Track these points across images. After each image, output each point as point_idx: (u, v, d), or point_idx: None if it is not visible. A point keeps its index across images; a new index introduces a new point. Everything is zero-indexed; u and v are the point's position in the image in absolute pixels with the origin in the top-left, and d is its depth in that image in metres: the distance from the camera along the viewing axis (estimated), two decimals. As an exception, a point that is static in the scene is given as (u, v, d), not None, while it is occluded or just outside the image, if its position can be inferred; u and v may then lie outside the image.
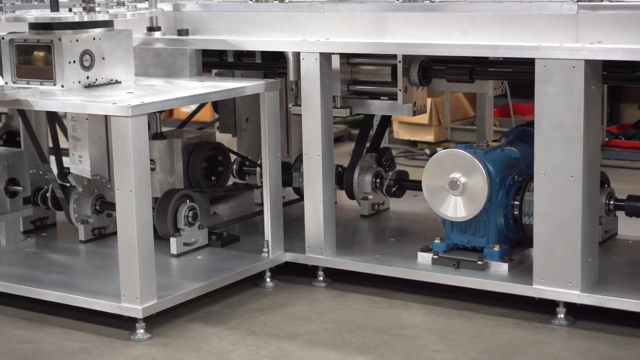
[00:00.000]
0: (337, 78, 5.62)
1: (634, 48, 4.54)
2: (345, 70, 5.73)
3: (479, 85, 6.00)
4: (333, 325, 4.98)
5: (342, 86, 5.71)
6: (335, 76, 5.57)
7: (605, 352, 4.56)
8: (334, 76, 5.56)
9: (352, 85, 5.78)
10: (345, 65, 5.72)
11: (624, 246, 5.62)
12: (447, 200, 5.20)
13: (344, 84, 5.74)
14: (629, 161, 9.02)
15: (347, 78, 5.75)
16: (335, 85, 5.61)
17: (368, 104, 5.78)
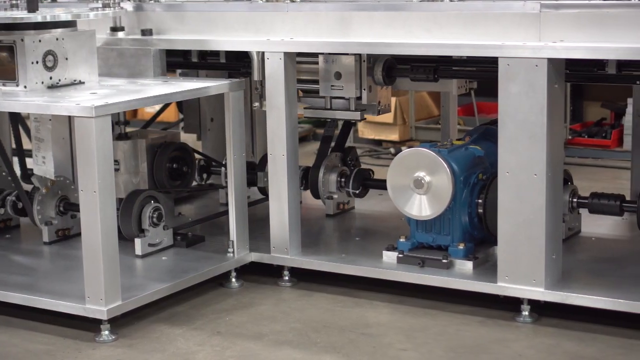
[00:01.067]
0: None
1: (596, 46, 4.57)
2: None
3: (443, 84, 6.02)
4: (299, 324, 4.98)
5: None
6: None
7: (569, 348, 4.59)
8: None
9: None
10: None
11: (587, 243, 5.66)
12: (411, 199, 5.22)
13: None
14: (592, 159, 9.09)
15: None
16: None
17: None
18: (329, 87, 5.57)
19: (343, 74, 5.52)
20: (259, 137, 6.95)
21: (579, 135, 9.52)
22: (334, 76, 5.54)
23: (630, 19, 4.54)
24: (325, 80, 5.57)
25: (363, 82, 5.55)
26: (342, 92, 5.55)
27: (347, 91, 5.53)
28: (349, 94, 5.54)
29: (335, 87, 5.56)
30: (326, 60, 5.54)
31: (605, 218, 5.84)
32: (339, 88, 5.56)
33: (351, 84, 5.51)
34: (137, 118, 10.72)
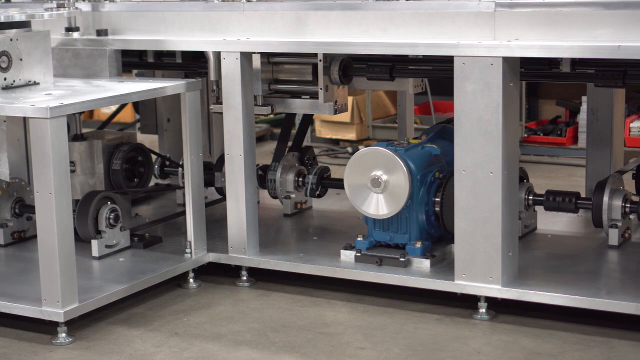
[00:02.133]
0: (258, 77, 5.60)
1: (550, 45, 4.61)
2: (267, 70, 5.72)
3: (400, 83, 6.04)
4: (257, 324, 4.98)
5: (264, 85, 5.70)
6: (256, 75, 5.56)
7: (526, 345, 4.63)
8: (255, 75, 5.55)
9: (273, 84, 5.78)
10: (266, 65, 5.71)
11: (543, 240, 5.70)
12: (369, 198, 5.23)
13: (265, 83, 5.73)
14: (547, 156, 9.16)
15: (268, 77, 5.74)
16: (257, 84, 5.60)
17: (289, 102, 5.78)
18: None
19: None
20: (216, 137, 6.93)
21: (535, 133, 9.59)
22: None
23: (584, 17, 4.58)
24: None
25: (320, 81, 5.56)
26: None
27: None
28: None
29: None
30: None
31: (561, 215, 5.90)
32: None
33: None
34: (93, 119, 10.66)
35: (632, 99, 8.82)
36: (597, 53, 4.54)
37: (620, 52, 4.42)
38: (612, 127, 6.26)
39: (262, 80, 5.65)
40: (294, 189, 6.20)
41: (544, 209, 5.64)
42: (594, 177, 6.03)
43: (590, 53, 4.56)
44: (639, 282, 4.97)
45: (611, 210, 5.36)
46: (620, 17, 4.51)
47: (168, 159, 6.69)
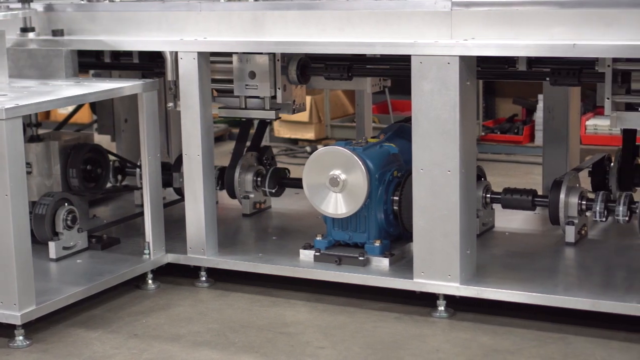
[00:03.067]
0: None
1: (506, 43, 4.64)
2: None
3: (357, 83, 6.05)
4: (216, 325, 4.97)
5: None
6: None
7: (484, 342, 4.65)
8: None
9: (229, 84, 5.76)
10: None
11: (500, 238, 5.74)
12: (327, 197, 5.23)
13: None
14: (504, 155, 9.22)
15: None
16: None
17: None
18: (243, 87, 5.56)
19: (257, 73, 5.51)
20: (174, 137, 6.91)
21: (492, 131, 9.65)
22: (248, 75, 5.52)
23: (540, 16, 4.61)
24: (240, 80, 5.55)
25: (277, 81, 5.55)
26: (257, 91, 5.54)
27: (262, 90, 5.52)
28: (263, 93, 5.53)
29: (250, 86, 5.55)
30: (240, 59, 5.52)
31: (518, 213, 5.93)
32: (253, 87, 5.55)
33: (265, 83, 5.50)
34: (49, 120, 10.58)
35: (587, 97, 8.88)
36: (553, 52, 4.58)
37: (575, 50, 4.45)
38: (568, 125, 6.31)
39: (219, 80, 5.64)
40: (252, 188, 6.20)
41: (501, 206, 5.68)
42: (551, 175, 6.06)
43: (546, 52, 4.60)
44: (595, 279, 5.02)
45: (568, 208, 5.40)
46: (575, 15, 4.55)
47: (126, 160, 6.65)
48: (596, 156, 6.03)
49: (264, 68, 5.48)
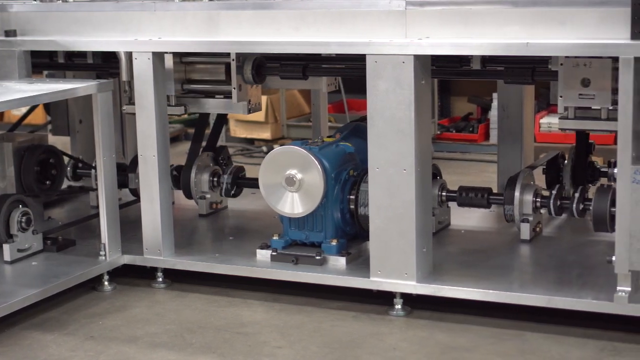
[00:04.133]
0: (170, 77, 5.57)
1: (460, 42, 4.67)
2: (179, 69, 5.69)
3: (313, 82, 6.06)
4: (174, 326, 4.95)
5: (176, 85, 5.67)
6: (169, 75, 5.53)
7: (441, 339, 4.67)
8: (168, 75, 5.51)
9: (186, 84, 5.75)
10: (179, 64, 5.68)
11: (456, 236, 5.77)
12: (284, 197, 5.24)
13: (178, 83, 5.70)
14: (460, 153, 9.27)
15: (181, 77, 5.72)
16: (169, 84, 5.56)
17: (203, 102, 5.76)
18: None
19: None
20: (130, 138, 6.88)
21: (447, 130, 9.69)
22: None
23: (493, 15, 4.64)
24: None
25: (233, 80, 5.54)
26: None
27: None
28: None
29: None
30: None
31: (474, 211, 5.96)
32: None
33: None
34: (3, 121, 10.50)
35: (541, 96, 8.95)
36: (507, 50, 4.61)
37: (529, 49, 4.49)
38: (523, 123, 6.36)
39: (174, 80, 5.62)
40: (208, 189, 6.19)
41: (457, 205, 5.70)
42: (506, 173, 6.11)
43: (500, 50, 4.63)
44: (550, 276, 5.06)
45: (522, 205, 5.44)
46: (528, 14, 4.58)
47: (81, 161, 6.61)
48: (550, 154, 6.07)
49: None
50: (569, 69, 4.68)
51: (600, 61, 4.61)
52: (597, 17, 4.44)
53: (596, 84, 4.65)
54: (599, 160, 6.59)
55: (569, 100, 4.74)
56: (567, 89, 4.71)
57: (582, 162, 5.92)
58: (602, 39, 4.42)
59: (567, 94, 4.72)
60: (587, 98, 4.69)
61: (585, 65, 4.64)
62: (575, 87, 4.69)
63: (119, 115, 6.72)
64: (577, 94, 4.70)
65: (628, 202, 4.40)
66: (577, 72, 4.66)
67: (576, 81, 4.68)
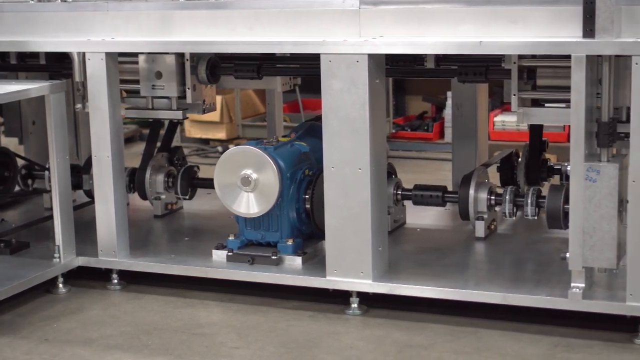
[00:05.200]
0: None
1: (414, 41, 4.68)
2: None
3: (268, 82, 6.05)
4: (129, 328, 4.93)
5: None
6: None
7: (398, 338, 4.69)
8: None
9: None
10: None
11: (412, 234, 5.79)
12: (239, 197, 5.23)
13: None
14: (415, 152, 9.30)
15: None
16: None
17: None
18: (150, 87, 5.51)
19: (164, 73, 5.47)
20: (83, 139, 6.83)
21: (402, 129, 9.73)
22: (155, 75, 5.48)
23: (447, 14, 4.66)
24: (146, 80, 5.51)
25: (187, 80, 5.52)
26: (164, 91, 5.50)
27: (168, 90, 5.48)
28: (170, 93, 5.49)
29: (157, 86, 5.51)
30: (146, 59, 5.48)
31: (429, 209, 5.99)
32: (160, 87, 5.50)
33: (172, 83, 5.47)
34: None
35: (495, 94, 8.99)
36: (460, 49, 4.63)
37: (482, 47, 4.51)
38: (477, 122, 6.39)
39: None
40: (163, 189, 6.16)
41: (412, 203, 5.72)
42: (460, 171, 6.14)
43: (453, 49, 4.66)
44: (505, 273, 5.10)
45: (477, 203, 5.47)
46: (481, 13, 4.61)
47: (34, 163, 6.56)
48: (504, 152, 6.12)
49: (171, 68, 5.44)
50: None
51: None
52: (549, 15, 4.48)
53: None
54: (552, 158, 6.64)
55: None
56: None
57: (535, 159, 5.97)
58: (555, 37, 4.45)
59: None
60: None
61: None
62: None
63: (73, 116, 6.68)
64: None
65: (581, 199, 4.44)
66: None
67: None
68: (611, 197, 4.41)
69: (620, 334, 4.59)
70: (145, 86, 5.51)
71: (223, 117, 9.77)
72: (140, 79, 5.51)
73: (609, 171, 4.39)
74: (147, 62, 5.47)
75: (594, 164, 4.42)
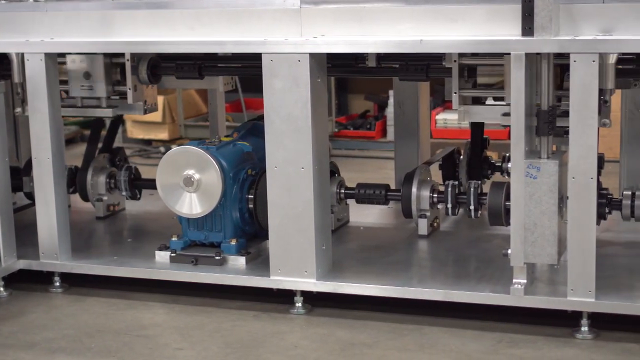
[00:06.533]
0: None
1: (355, 40, 4.69)
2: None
3: (210, 82, 6.03)
4: (72, 330, 4.88)
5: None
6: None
7: (341, 336, 4.70)
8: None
9: (80, 85, 5.68)
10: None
11: (355, 233, 5.81)
12: (182, 198, 5.20)
13: (73, 84, 5.63)
14: (358, 150, 9.34)
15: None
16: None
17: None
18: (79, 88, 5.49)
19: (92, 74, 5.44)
20: (23, 140, 6.76)
21: (345, 127, 9.76)
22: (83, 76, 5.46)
23: (387, 13, 4.67)
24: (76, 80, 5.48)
25: (128, 81, 5.49)
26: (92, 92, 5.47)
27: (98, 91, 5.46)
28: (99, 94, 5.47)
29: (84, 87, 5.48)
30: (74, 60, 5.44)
31: (372, 207, 6.01)
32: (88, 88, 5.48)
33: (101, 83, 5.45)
34: None
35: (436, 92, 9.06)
36: (400, 48, 4.65)
37: (422, 46, 4.54)
38: (419, 120, 6.43)
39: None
40: (105, 191, 6.12)
41: (355, 202, 5.73)
42: (403, 169, 6.17)
43: (394, 48, 4.67)
44: (448, 270, 5.13)
45: (420, 201, 5.50)
46: (421, 12, 4.63)
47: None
48: (446, 149, 6.16)
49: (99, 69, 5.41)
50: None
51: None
52: (489, 14, 4.51)
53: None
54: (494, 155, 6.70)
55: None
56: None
57: (477, 156, 6.02)
58: (494, 36, 4.49)
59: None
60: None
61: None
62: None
63: (12, 118, 6.60)
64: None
65: (522, 195, 4.48)
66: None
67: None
68: (551, 194, 4.46)
69: (562, 329, 4.65)
70: (74, 87, 5.48)
71: (165, 117, 9.73)
72: (69, 79, 5.48)
73: (549, 168, 4.44)
74: (76, 63, 5.44)
75: (534, 160, 4.47)
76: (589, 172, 4.39)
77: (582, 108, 4.33)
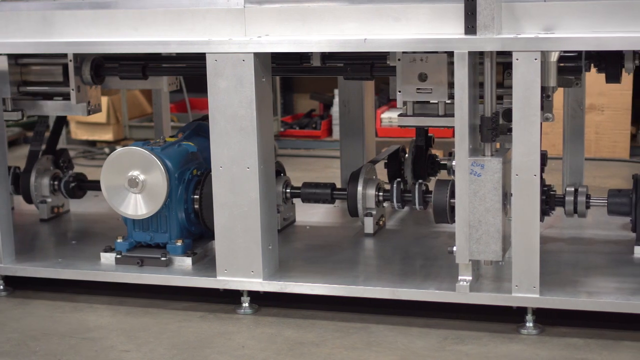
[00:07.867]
0: (5, 80, 5.43)
1: (299, 39, 4.70)
2: (15, 71, 5.55)
3: (154, 82, 6.01)
4: (16, 334, 4.83)
5: (12, 88, 5.53)
6: (3, 78, 5.39)
7: (289, 336, 4.70)
8: (3, 78, 5.38)
9: (22, 86, 5.62)
10: (14, 66, 5.55)
11: (302, 232, 5.81)
12: (127, 199, 5.17)
13: (14, 85, 5.56)
14: (303, 149, 9.35)
15: (17, 79, 5.58)
16: (5, 87, 5.42)
17: (41, 105, 5.64)
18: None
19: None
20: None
21: (290, 127, 9.76)
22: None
23: (331, 12, 4.68)
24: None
25: (71, 82, 5.45)
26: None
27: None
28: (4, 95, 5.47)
29: None
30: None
31: (318, 206, 6.03)
32: None
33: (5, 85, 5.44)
34: None
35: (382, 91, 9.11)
36: (345, 47, 4.66)
37: (366, 45, 4.55)
38: (364, 119, 6.45)
39: (10, 82, 5.48)
40: (49, 192, 6.07)
41: (301, 201, 5.74)
42: (349, 168, 6.19)
43: (338, 47, 4.68)
44: (394, 268, 5.15)
45: (365, 200, 5.52)
46: (365, 11, 4.64)
47: None
48: (391, 148, 6.18)
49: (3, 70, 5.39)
50: (406, 64, 4.76)
51: (437, 56, 4.70)
52: (432, 12, 4.54)
53: (433, 78, 4.74)
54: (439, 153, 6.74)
55: (408, 95, 4.82)
56: (405, 84, 4.79)
57: (422, 155, 6.05)
58: (437, 34, 4.51)
59: (405, 89, 4.80)
60: (424, 92, 4.78)
61: (422, 60, 4.73)
62: (413, 82, 4.78)
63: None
64: (415, 88, 4.79)
65: (466, 193, 4.51)
66: (414, 67, 4.75)
67: (414, 76, 4.76)
68: (495, 191, 4.49)
69: (507, 325, 4.68)
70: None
71: (109, 118, 9.66)
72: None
73: (492, 165, 4.47)
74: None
75: (478, 158, 4.50)
76: (532, 169, 4.43)
77: (524, 106, 4.37)
